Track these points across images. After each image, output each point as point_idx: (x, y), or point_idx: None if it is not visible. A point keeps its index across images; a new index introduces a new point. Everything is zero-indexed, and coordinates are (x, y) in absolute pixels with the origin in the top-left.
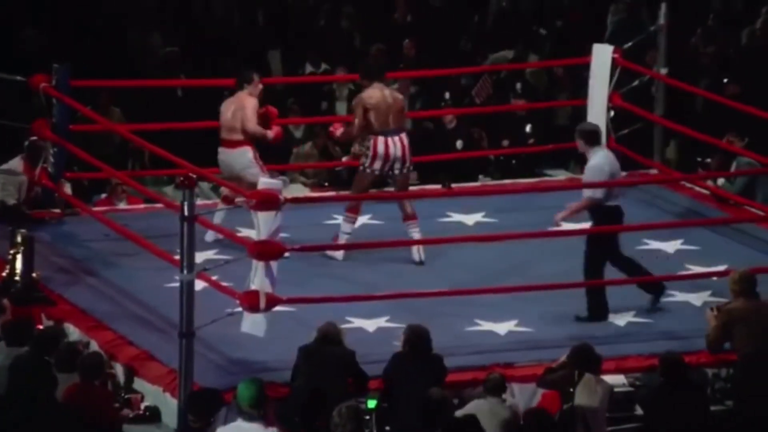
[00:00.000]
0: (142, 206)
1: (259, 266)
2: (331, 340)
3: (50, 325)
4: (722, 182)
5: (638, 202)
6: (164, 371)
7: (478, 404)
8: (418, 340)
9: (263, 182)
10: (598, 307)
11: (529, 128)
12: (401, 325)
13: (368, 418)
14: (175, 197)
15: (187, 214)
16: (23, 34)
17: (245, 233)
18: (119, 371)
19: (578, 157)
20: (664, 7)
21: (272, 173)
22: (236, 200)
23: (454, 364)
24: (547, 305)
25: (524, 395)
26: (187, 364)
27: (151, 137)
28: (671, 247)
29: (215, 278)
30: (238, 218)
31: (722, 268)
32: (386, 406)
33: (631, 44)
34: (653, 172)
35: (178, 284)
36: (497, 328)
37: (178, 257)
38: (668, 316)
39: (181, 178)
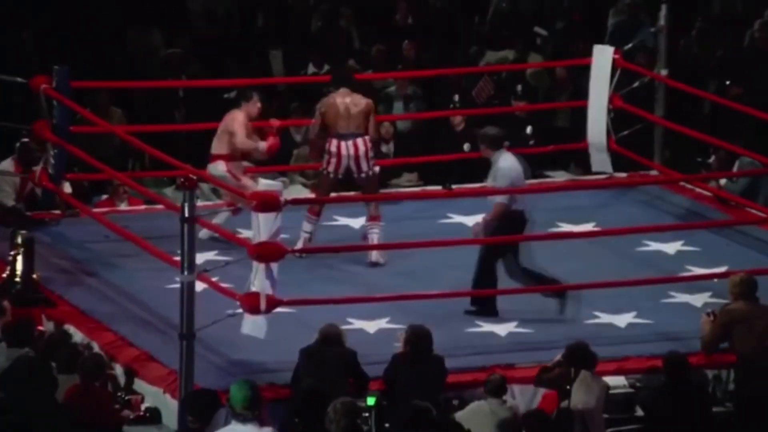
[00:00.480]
0: (142, 207)
1: (259, 268)
2: (332, 341)
3: (61, 329)
4: (724, 182)
5: (638, 203)
6: (164, 372)
7: (478, 405)
8: (418, 340)
9: (263, 184)
10: (489, 304)
11: (529, 130)
12: (402, 326)
13: (367, 415)
14: (175, 198)
15: (187, 215)
16: (23, 35)
17: (246, 234)
18: (119, 372)
19: (578, 158)
20: (664, 8)
21: (255, 179)
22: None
23: (454, 365)
24: (547, 306)
25: (525, 396)
26: (187, 365)
27: (151, 138)
28: (672, 248)
29: (216, 279)
30: (238, 219)
31: (723, 269)
32: (385, 404)
33: (631, 45)
34: (653, 173)
35: (178, 285)
36: (498, 329)
37: (178, 258)
38: (669, 317)
39: (181, 179)
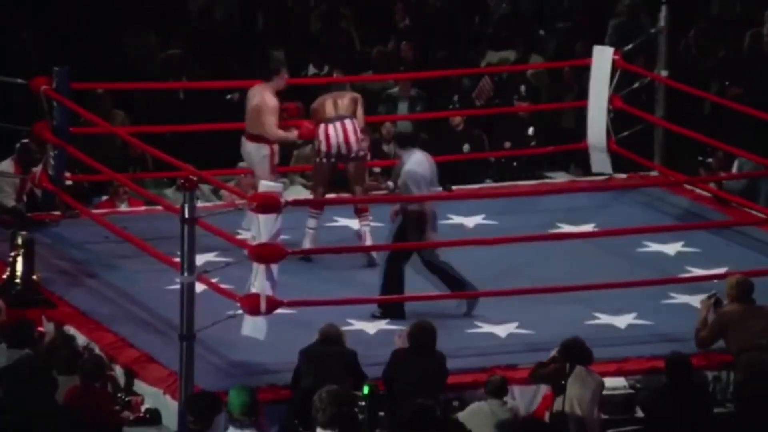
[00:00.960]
0: (142, 208)
1: (259, 269)
2: (332, 341)
3: (62, 331)
4: None
5: (638, 204)
6: (165, 373)
7: (479, 406)
8: (420, 335)
9: (263, 185)
10: (396, 307)
11: (531, 131)
12: (402, 327)
13: (363, 404)
14: (175, 199)
15: (187, 216)
16: (23, 36)
17: (245, 236)
18: (119, 373)
19: (579, 159)
20: (664, 9)
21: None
22: (237, 202)
23: (455, 366)
24: (547, 307)
25: (525, 397)
26: (187, 366)
27: (152, 140)
28: (672, 249)
29: (216, 281)
30: (238, 220)
31: (723, 270)
32: (381, 393)
33: (631, 47)
34: (653, 174)
35: (178, 287)
36: (498, 330)
37: (178, 260)
38: (669, 318)
39: (181, 180)
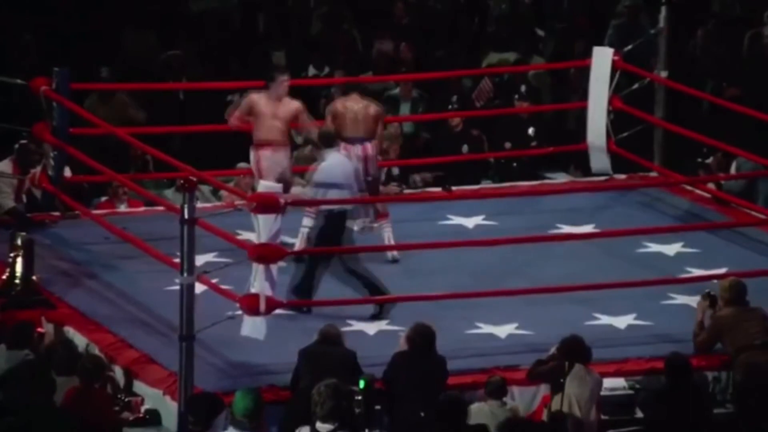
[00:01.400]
0: (142, 209)
1: (259, 269)
2: (331, 341)
3: (61, 332)
4: None
5: (638, 204)
6: (164, 374)
7: (478, 407)
8: (418, 337)
9: (264, 186)
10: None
11: (531, 131)
12: (402, 328)
13: (359, 398)
14: (174, 200)
15: (187, 217)
16: (23, 38)
17: (245, 236)
18: (119, 374)
19: (579, 160)
20: (664, 10)
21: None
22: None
23: (454, 367)
24: (547, 308)
25: (525, 398)
26: (187, 367)
27: (153, 140)
28: (671, 249)
29: (215, 281)
30: (238, 221)
31: (722, 271)
32: (378, 387)
33: (631, 47)
34: (653, 174)
35: (178, 287)
36: (498, 331)
37: (178, 260)
38: (668, 319)
39: (181, 181)
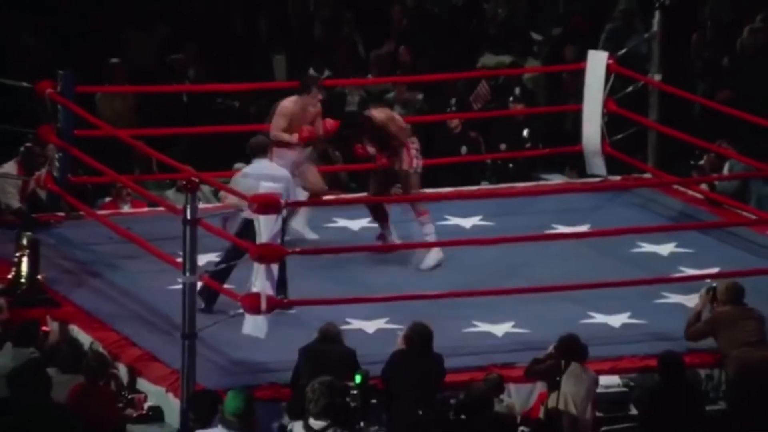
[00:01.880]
0: (145, 209)
1: (260, 269)
2: (331, 339)
3: (66, 330)
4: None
5: (632, 205)
6: (167, 372)
7: None
8: (415, 336)
9: (264, 186)
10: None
11: (526, 133)
12: (400, 326)
13: (355, 393)
14: (175, 200)
15: (189, 217)
16: (27, 41)
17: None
18: (123, 372)
19: (574, 161)
20: (657, 15)
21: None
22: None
23: (451, 365)
24: (543, 307)
25: (521, 395)
26: (189, 364)
27: (155, 142)
28: (665, 249)
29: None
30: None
31: (715, 270)
32: (374, 383)
33: (625, 51)
34: (647, 176)
35: (180, 286)
36: (494, 329)
37: (180, 260)
38: (662, 317)
39: (183, 181)
